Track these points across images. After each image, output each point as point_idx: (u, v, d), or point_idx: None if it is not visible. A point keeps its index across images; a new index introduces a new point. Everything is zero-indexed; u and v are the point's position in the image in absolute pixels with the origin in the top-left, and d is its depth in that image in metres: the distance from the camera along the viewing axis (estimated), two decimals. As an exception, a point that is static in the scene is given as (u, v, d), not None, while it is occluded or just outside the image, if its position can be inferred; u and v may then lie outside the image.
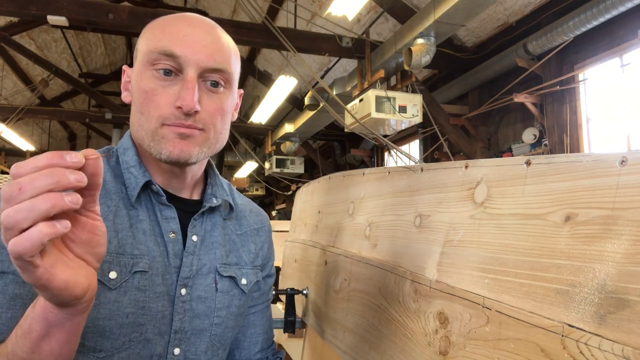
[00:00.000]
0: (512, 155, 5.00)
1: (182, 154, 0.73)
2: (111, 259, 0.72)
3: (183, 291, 0.78)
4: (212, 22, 0.80)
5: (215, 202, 0.84)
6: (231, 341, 0.88)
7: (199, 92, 0.73)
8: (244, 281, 0.86)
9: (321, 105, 6.02)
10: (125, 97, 0.82)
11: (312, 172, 11.11)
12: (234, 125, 5.36)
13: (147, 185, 0.77)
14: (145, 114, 0.74)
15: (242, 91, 0.88)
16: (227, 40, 0.80)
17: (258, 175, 10.84)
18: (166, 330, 0.75)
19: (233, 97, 0.80)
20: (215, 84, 0.76)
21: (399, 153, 6.00)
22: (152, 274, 0.74)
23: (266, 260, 0.95)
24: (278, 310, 1.88)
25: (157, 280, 0.75)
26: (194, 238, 0.81)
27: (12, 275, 0.66)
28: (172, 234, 0.78)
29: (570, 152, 4.24)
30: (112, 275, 0.71)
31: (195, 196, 0.85)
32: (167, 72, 0.73)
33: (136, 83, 0.75)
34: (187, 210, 0.82)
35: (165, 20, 0.77)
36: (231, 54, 0.79)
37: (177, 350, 0.77)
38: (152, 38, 0.75)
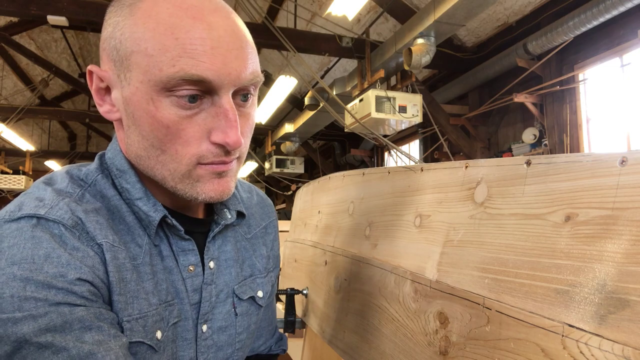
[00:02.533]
0: (512, 155, 5.00)
1: (223, 194, 0.62)
2: (157, 315, 0.62)
3: (204, 328, 0.69)
4: (226, 6, 0.61)
5: (229, 217, 0.74)
6: None
7: None
8: (260, 294, 0.79)
9: (321, 105, 6.02)
10: (108, 112, 0.63)
11: (312, 172, 11.11)
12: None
13: (162, 219, 0.65)
14: (169, 152, 0.59)
15: None
16: (247, 30, 0.62)
17: (258, 175, 10.84)
18: None
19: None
20: (246, 96, 0.61)
21: (399, 153, 6.00)
22: (180, 319, 0.66)
23: (276, 257, 0.89)
24: (278, 310, 1.88)
25: (187, 325, 0.67)
26: (211, 264, 0.71)
27: None
28: (192, 267, 0.68)
29: (570, 152, 4.24)
30: (159, 334, 0.61)
31: (202, 208, 0.74)
32: (193, 98, 0.57)
33: (144, 111, 0.58)
34: (199, 231, 0.71)
35: (170, 18, 0.56)
36: (254, 47, 0.63)
37: None
38: (161, 50, 0.55)
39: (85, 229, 0.58)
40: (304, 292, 1.35)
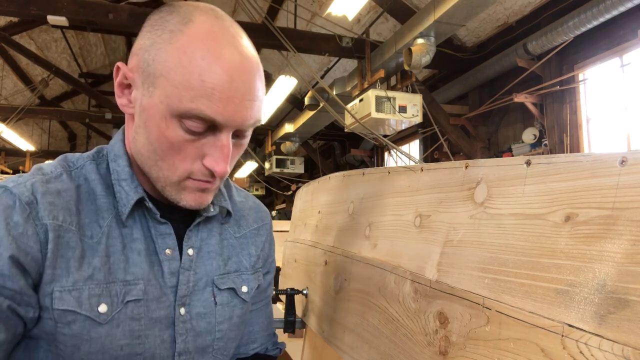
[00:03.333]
0: (512, 155, 5.00)
1: (201, 204, 0.72)
2: (100, 290, 0.67)
3: (182, 310, 0.74)
4: (253, 57, 0.68)
5: (212, 211, 0.79)
6: (234, 350, 0.85)
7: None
8: (244, 289, 0.82)
9: (321, 105, 6.02)
10: (124, 105, 0.71)
11: (312, 172, 11.11)
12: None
13: (140, 201, 0.72)
14: (167, 161, 0.68)
15: None
16: (263, 82, 0.70)
17: (258, 175, 10.84)
18: (168, 354, 0.72)
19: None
20: (244, 133, 0.71)
21: (399, 153, 6.00)
22: (147, 299, 0.70)
23: (266, 258, 0.91)
24: (278, 310, 1.88)
25: (153, 305, 0.71)
26: (190, 252, 0.76)
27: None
28: (168, 251, 0.74)
29: (570, 152, 4.24)
30: (102, 308, 0.67)
31: None
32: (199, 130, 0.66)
33: (156, 124, 0.66)
34: (182, 221, 0.76)
35: (202, 61, 0.63)
36: (264, 97, 0.71)
37: None
38: (187, 86, 0.62)
39: (36, 209, 0.65)
40: (304, 292, 1.35)
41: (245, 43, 0.68)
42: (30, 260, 0.63)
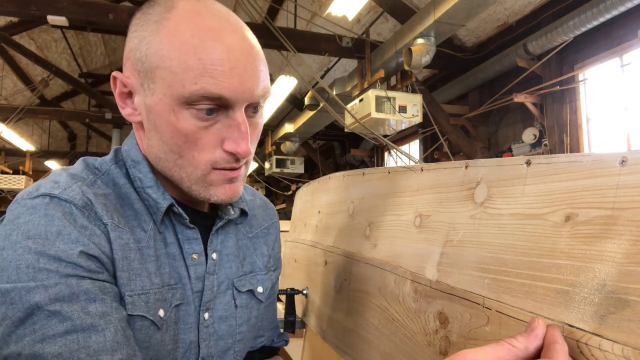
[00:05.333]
0: (512, 155, 5.00)
1: (233, 197, 0.69)
2: (160, 294, 0.66)
3: (206, 315, 0.73)
4: (243, 26, 0.67)
5: (232, 213, 0.79)
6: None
7: None
8: (260, 289, 0.82)
9: (321, 105, 6.02)
10: (130, 115, 0.69)
11: (312, 172, 11.11)
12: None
13: (169, 208, 0.70)
14: (186, 157, 0.65)
15: None
16: (260, 48, 0.68)
17: (258, 175, 10.83)
18: (194, 359, 0.72)
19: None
20: (256, 108, 0.68)
21: (399, 153, 6.00)
22: (182, 304, 0.70)
23: (276, 256, 0.92)
24: (278, 310, 1.88)
25: (189, 310, 0.71)
26: (214, 256, 0.75)
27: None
28: (195, 256, 0.72)
29: (570, 152, 4.24)
30: (161, 313, 0.66)
31: (207, 203, 0.78)
32: (210, 111, 0.63)
33: (166, 120, 0.63)
34: (203, 224, 0.75)
35: (193, 39, 0.61)
36: (266, 63, 0.69)
37: None
38: (185, 68, 0.60)
39: (94, 210, 0.63)
40: (304, 292, 1.35)
41: (234, 17, 0.66)
42: (106, 259, 0.61)
